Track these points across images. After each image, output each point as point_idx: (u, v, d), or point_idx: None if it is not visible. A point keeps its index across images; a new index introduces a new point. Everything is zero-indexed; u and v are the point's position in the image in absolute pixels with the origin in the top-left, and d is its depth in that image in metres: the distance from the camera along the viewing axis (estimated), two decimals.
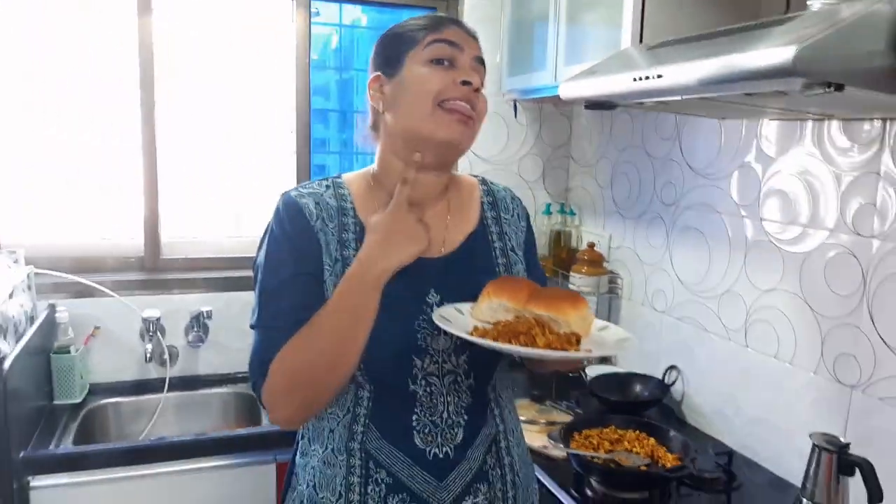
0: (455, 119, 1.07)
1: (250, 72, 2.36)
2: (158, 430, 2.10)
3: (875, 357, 1.44)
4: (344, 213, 1.12)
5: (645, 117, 2.19)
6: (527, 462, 1.23)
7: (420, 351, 1.08)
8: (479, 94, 1.10)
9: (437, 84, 1.06)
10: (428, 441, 1.09)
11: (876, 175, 1.44)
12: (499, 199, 1.24)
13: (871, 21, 1.00)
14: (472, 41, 1.13)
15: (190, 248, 2.37)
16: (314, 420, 1.16)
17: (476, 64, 1.11)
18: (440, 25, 1.10)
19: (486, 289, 1.08)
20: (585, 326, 1.06)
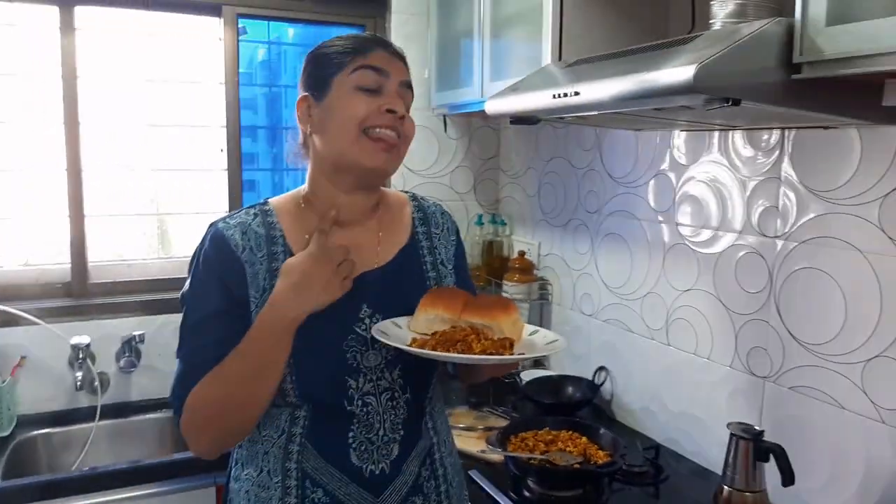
0: (380, 147, 1.09)
1: (177, 90, 2.34)
2: (91, 460, 2.05)
3: (784, 349, 1.55)
4: (273, 241, 1.12)
5: (567, 130, 2.28)
6: (459, 471, 1.26)
7: (353, 371, 1.10)
8: (405, 119, 1.13)
9: (362, 112, 1.08)
10: (364, 458, 1.10)
11: (777, 180, 1.56)
12: (429, 214, 1.28)
13: (764, 40, 1.08)
14: (399, 64, 1.14)
15: (119, 272, 2.33)
16: (246, 444, 1.16)
17: (402, 89, 1.13)
18: (367, 50, 1.11)
19: (423, 301, 1.11)
20: (517, 331, 1.12)
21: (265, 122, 3.09)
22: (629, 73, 1.18)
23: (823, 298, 1.45)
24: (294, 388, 1.08)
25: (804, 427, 1.51)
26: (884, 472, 1.35)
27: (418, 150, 2.58)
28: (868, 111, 1.17)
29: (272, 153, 3.15)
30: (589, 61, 1.46)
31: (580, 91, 1.29)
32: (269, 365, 1.03)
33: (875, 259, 1.35)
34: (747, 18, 1.29)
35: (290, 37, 3.04)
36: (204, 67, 2.36)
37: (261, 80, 3.14)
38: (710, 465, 1.74)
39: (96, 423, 2.10)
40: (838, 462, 1.43)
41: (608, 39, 1.71)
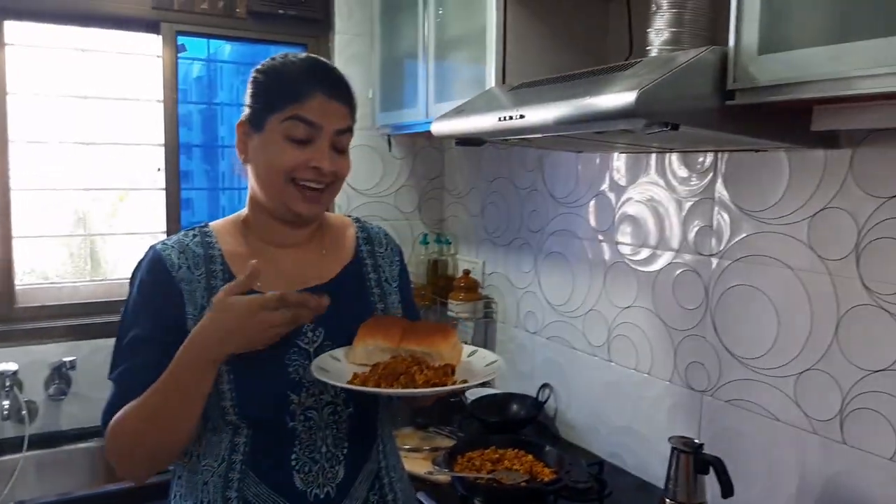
0: (305, 196, 1.10)
1: (111, 107, 2.27)
2: (18, 494, 1.94)
3: (720, 364, 1.60)
4: (212, 260, 1.12)
5: (510, 151, 2.32)
6: (410, 497, 1.25)
7: (295, 385, 1.08)
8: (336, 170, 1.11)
9: (288, 164, 1.08)
10: (308, 481, 1.08)
11: (711, 200, 1.62)
12: (373, 234, 1.29)
13: (700, 67, 1.13)
14: (339, 109, 1.12)
15: (47, 295, 2.23)
16: (186, 475, 1.13)
17: (338, 137, 1.12)
18: (304, 95, 1.08)
19: (360, 332, 1.11)
20: (456, 355, 1.13)
21: (200, 139, 3.03)
22: (572, 98, 1.21)
23: (757, 314, 1.51)
24: (234, 406, 1.05)
25: (741, 439, 1.56)
26: (817, 481, 1.40)
27: (363, 169, 2.57)
28: (797, 136, 1.24)
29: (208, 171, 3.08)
30: (533, 85, 1.49)
31: (525, 114, 1.31)
32: (190, 399, 1.01)
33: (805, 276, 1.41)
34: (682, 46, 1.34)
35: (227, 53, 3.00)
36: (139, 85, 2.30)
37: (196, 97, 3.08)
38: (653, 479, 1.78)
39: (24, 454, 2.00)
40: (774, 472, 1.49)
41: (550, 63, 1.75)
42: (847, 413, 1.35)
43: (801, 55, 1.03)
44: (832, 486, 1.38)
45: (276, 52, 1.18)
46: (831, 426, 1.37)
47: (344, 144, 1.14)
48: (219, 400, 1.05)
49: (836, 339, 1.36)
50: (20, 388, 2.07)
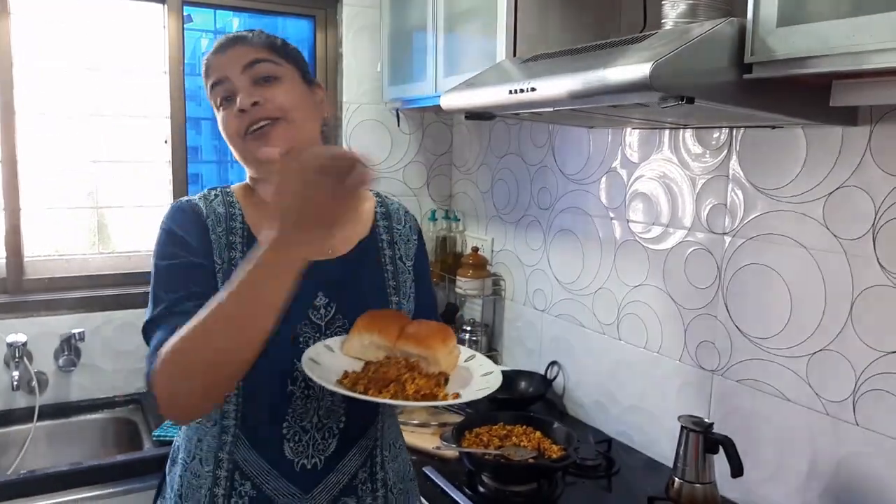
0: (255, 141, 1.07)
1: (119, 78, 2.25)
2: (29, 463, 1.96)
3: (731, 343, 1.59)
4: (232, 218, 1.12)
5: (521, 126, 2.29)
6: (405, 478, 1.23)
7: (301, 354, 1.06)
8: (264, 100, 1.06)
9: (228, 127, 1.09)
10: (297, 451, 1.09)
11: (725, 178, 1.59)
12: (391, 210, 1.27)
13: (717, 40, 1.10)
14: (236, 48, 1.10)
15: (57, 267, 2.23)
16: (185, 428, 1.15)
17: (249, 72, 1.08)
18: (209, 65, 1.11)
19: (358, 323, 1.08)
20: (452, 361, 1.09)
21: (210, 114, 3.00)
22: (585, 70, 1.18)
23: (769, 294, 1.49)
24: None
25: (751, 419, 1.54)
26: (828, 462, 1.39)
27: (371, 144, 2.55)
28: (816, 111, 1.21)
29: (216, 146, 3.07)
30: (544, 57, 1.46)
31: (537, 87, 1.29)
32: (266, 308, 0.87)
33: (819, 255, 1.39)
34: (698, 18, 1.31)
35: (236, 27, 2.97)
36: (146, 56, 2.28)
37: None
38: (661, 458, 1.77)
39: (34, 425, 2.01)
40: (784, 453, 1.48)
41: (561, 36, 1.72)
42: (860, 394, 1.33)
43: (820, 28, 1.00)
44: (843, 468, 1.37)
45: (285, 25, 1.16)
46: (844, 407, 1.36)
47: (267, 73, 1.08)
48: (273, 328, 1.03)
49: (850, 319, 1.34)
50: (30, 360, 2.08)
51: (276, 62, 1.10)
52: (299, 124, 1.10)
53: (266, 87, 1.08)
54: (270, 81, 1.09)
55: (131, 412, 2.15)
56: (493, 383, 1.03)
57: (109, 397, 2.19)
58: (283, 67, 1.11)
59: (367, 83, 2.52)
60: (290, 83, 1.11)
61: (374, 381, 0.99)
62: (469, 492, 1.58)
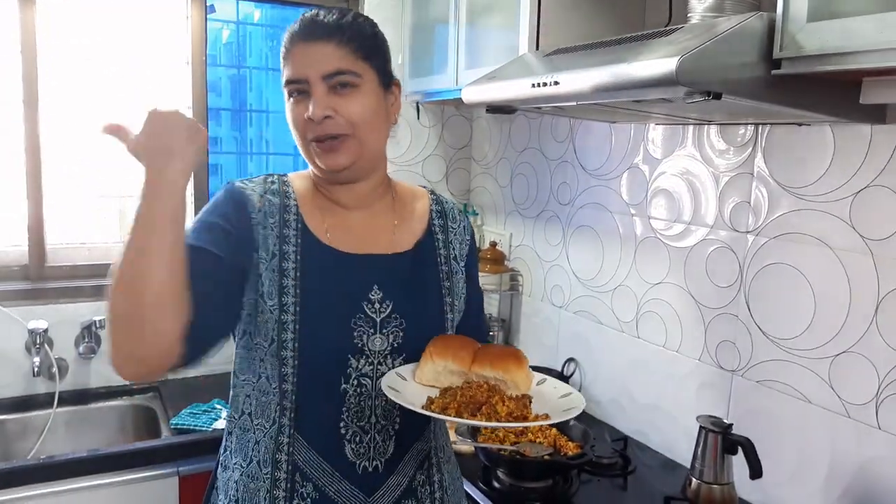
0: (321, 150, 1.07)
1: (141, 68, 2.26)
2: (48, 448, 1.99)
3: (752, 343, 1.57)
4: (286, 209, 1.11)
5: (541, 120, 2.27)
6: (456, 478, 1.23)
7: (356, 350, 1.07)
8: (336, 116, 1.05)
9: (297, 125, 1.08)
10: (359, 453, 1.07)
11: (750, 175, 1.57)
12: (447, 209, 1.25)
13: (745, 34, 1.09)
14: (323, 50, 1.05)
15: (78, 255, 2.25)
16: (237, 432, 1.12)
17: (329, 81, 1.05)
18: (289, 52, 1.07)
19: (429, 349, 1.06)
20: (529, 383, 1.08)
21: (229, 104, 3.02)
22: (610, 64, 1.17)
23: (793, 294, 1.47)
24: (295, 355, 1.04)
25: (771, 420, 1.52)
26: (849, 466, 1.37)
27: (390, 136, 2.54)
28: (845, 109, 1.18)
29: (236, 137, 3.08)
30: (568, 51, 1.45)
31: (560, 81, 1.27)
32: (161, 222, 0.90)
33: (845, 256, 1.37)
34: (725, 13, 1.29)
35: (257, 18, 2.97)
36: (168, 47, 2.29)
37: (225, 62, 3.06)
38: (678, 458, 1.76)
39: (54, 410, 2.03)
40: (804, 455, 1.46)
41: (584, 30, 1.70)
42: (883, 398, 1.31)
43: (851, 24, 0.98)
44: (864, 472, 1.34)
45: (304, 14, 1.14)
46: (866, 411, 1.34)
47: (346, 83, 1.05)
48: (279, 349, 1.04)
49: (875, 321, 1.32)
50: (51, 346, 2.10)
51: (357, 72, 1.06)
52: (365, 139, 1.09)
53: (342, 96, 1.05)
54: (348, 89, 1.06)
55: (149, 400, 2.17)
56: (577, 402, 1.03)
57: (128, 385, 2.20)
58: (364, 75, 1.07)
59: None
60: (366, 92, 1.08)
61: (463, 404, 0.97)
62: (484, 487, 1.58)
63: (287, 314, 1.04)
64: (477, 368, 1.05)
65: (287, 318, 1.04)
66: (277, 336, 1.04)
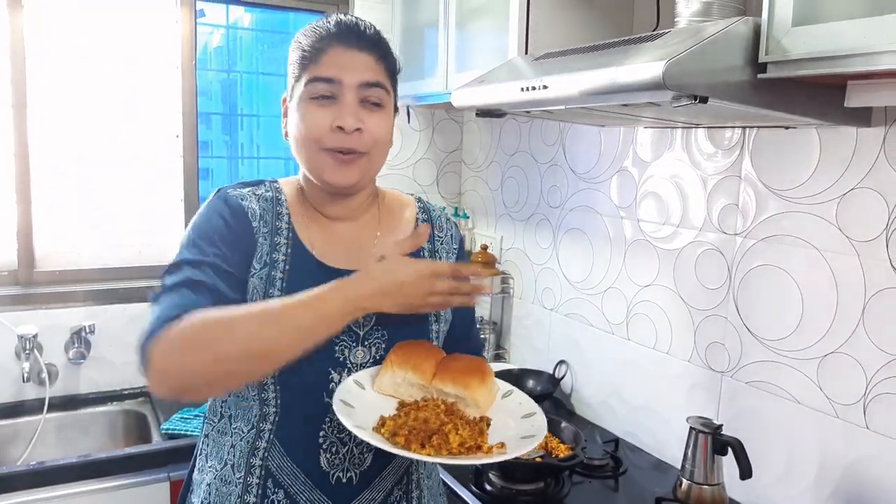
0: (336, 162, 1.04)
1: (131, 72, 2.26)
2: (38, 454, 1.97)
3: (741, 345, 1.58)
4: (279, 217, 1.09)
5: (531, 124, 2.28)
6: (437, 496, 1.21)
7: (338, 364, 1.06)
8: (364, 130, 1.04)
9: (314, 130, 1.03)
10: (334, 463, 1.05)
11: (737, 178, 1.58)
12: (434, 217, 1.23)
13: (731, 38, 1.09)
14: (363, 58, 1.05)
15: (68, 260, 2.24)
16: (214, 434, 1.11)
17: (364, 90, 1.04)
18: (322, 52, 1.03)
19: (390, 358, 1.04)
20: (491, 400, 1.05)
21: (220, 109, 3.03)
22: (598, 68, 1.18)
23: (781, 295, 1.48)
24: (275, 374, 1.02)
25: (761, 421, 1.54)
26: (837, 466, 1.38)
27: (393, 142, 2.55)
28: (830, 112, 1.20)
29: (227, 141, 3.09)
30: (556, 55, 1.45)
31: (548, 85, 1.28)
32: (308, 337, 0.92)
33: (832, 257, 1.38)
34: (712, 17, 1.30)
35: (247, 23, 2.98)
36: (158, 52, 2.28)
37: (215, 67, 3.06)
38: (668, 459, 1.77)
39: (44, 416, 2.02)
40: (794, 456, 1.47)
41: (573, 34, 1.71)
42: (871, 398, 1.32)
43: (837, 28, 0.99)
44: (853, 472, 1.36)
45: (296, 20, 1.13)
46: (854, 410, 1.35)
47: (377, 100, 1.05)
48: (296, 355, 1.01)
49: (862, 322, 1.33)
50: (40, 352, 2.09)
51: (388, 90, 1.07)
52: (376, 159, 1.08)
53: (370, 112, 1.04)
54: (376, 107, 1.05)
55: (140, 405, 2.16)
56: (537, 430, 0.98)
57: (118, 390, 2.20)
58: (390, 95, 1.08)
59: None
60: (388, 113, 1.08)
61: (414, 430, 0.93)
62: (476, 490, 1.58)
63: None
64: (437, 383, 1.02)
65: None
66: None
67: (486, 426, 0.98)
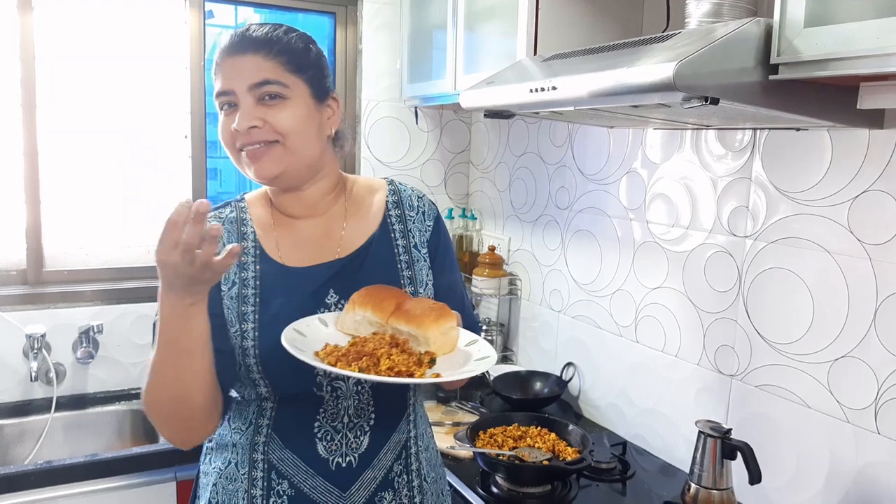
0: (248, 159, 1.07)
1: (140, 73, 2.26)
2: (46, 454, 1.98)
3: (751, 348, 1.57)
4: (244, 236, 1.13)
5: (539, 125, 2.28)
6: (436, 465, 1.24)
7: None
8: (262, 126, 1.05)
9: (225, 136, 1.09)
10: (331, 450, 1.09)
11: (748, 180, 1.57)
12: (404, 197, 1.23)
13: (743, 40, 1.08)
14: (247, 61, 1.06)
15: (76, 259, 2.25)
16: (216, 437, 1.15)
17: (258, 91, 1.05)
18: (218, 68, 1.08)
19: (353, 298, 1.05)
20: (448, 342, 1.03)
21: None
22: (607, 69, 1.17)
23: (791, 298, 1.47)
24: (261, 372, 1.06)
25: (770, 425, 1.52)
26: (848, 471, 1.37)
27: (389, 141, 2.55)
28: (842, 114, 1.18)
29: None
30: (565, 56, 1.45)
31: (557, 86, 1.27)
32: (184, 352, 0.95)
33: (843, 260, 1.37)
34: (723, 18, 1.29)
35: None
36: (167, 52, 2.29)
37: None
38: (677, 462, 1.76)
39: (52, 415, 2.03)
40: (803, 460, 1.45)
41: (582, 35, 1.70)
42: (882, 402, 1.31)
43: (849, 29, 0.98)
44: (863, 477, 1.34)
45: (305, 20, 1.14)
46: (865, 415, 1.33)
47: (273, 94, 1.05)
48: (247, 372, 1.07)
49: (873, 326, 1.32)
50: (48, 351, 2.10)
51: (286, 83, 1.06)
52: (294, 148, 1.07)
53: (270, 107, 1.05)
54: (276, 100, 1.06)
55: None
56: (477, 368, 0.97)
57: (126, 389, 2.20)
58: (293, 87, 1.07)
59: (386, 80, 2.52)
60: (296, 103, 1.07)
61: (350, 354, 0.94)
62: (483, 492, 1.57)
63: (247, 340, 1.07)
64: (393, 321, 1.02)
65: (248, 345, 1.06)
66: (243, 361, 1.07)
67: (431, 361, 0.98)
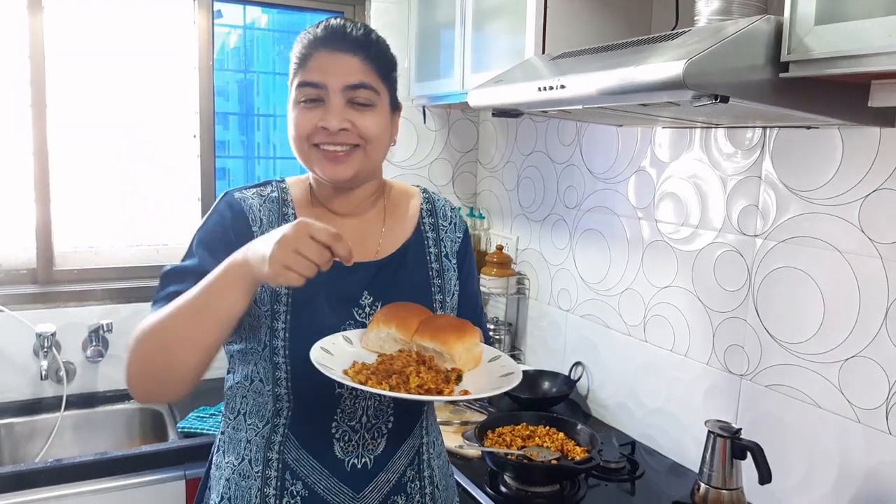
0: (325, 159, 1.07)
1: (149, 73, 2.27)
2: (56, 452, 1.99)
3: (761, 347, 1.56)
4: (284, 217, 1.12)
5: (548, 124, 2.27)
6: (447, 473, 1.24)
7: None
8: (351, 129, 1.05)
9: (303, 129, 1.06)
10: (348, 451, 1.09)
11: (758, 178, 1.56)
12: (437, 207, 1.25)
13: (752, 37, 1.08)
14: (347, 62, 1.06)
15: (86, 259, 2.26)
16: (230, 431, 1.14)
17: (351, 93, 1.06)
18: (309, 57, 1.06)
19: (377, 316, 1.06)
20: (471, 358, 1.04)
21: (237, 109, 3.05)
22: (616, 67, 1.16)
23: (802, 298, 1.46)
24: (287, 360, 1.05)
25: (780, 425, 1.51)
26: (858, 471, 1.36)
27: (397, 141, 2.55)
28: (853, 112, 1.17)
29: (243, 141, 3.11)
30: (574, 55, 1.44)
31: (566, 84, 1.27)
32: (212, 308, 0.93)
33: (854, 259, 1.36)
34: (732, 16, 1.28)
35: (264, 23, 3.00)
36: (176, 52, 2.30)
37: (232, 67, 3.08)
38: (686, 462, 1.75)
39: (62, 414, 2.04)
40: (814, 460, 1.45)
41: (591, 33, 1.70)
42: (894, 402, 1.30)
43: (860, 26, 0.97)
44: (874, 477, 1.33)
45: (313, 20, 1.15)
46: (876, 415, 1.33)
47: (365, 100, 1.06)
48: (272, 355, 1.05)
49: (885, 325, 1.31)
50: (58, 350, 2.11)
51: (378, 90, 1.08)
52: (372, 155, 1.09)
53: (358, 112, 1.06)
54: (366, 104, 1.07)
55: (157, 403, 2.17)
56: (505, 384, 0.97)
57: None
58: (381, 95, 1.09)
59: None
60: (381, 111, 1.09)
61: (378, 372, 0.95)
62: (491, 492, 1.57)
63: (278, 321, 1.06)
64: (418, 338, 1.03)
65: (278, 326, 1.06)
66: (269, 342, 1.06)
67: (458, 378, 0.99)
